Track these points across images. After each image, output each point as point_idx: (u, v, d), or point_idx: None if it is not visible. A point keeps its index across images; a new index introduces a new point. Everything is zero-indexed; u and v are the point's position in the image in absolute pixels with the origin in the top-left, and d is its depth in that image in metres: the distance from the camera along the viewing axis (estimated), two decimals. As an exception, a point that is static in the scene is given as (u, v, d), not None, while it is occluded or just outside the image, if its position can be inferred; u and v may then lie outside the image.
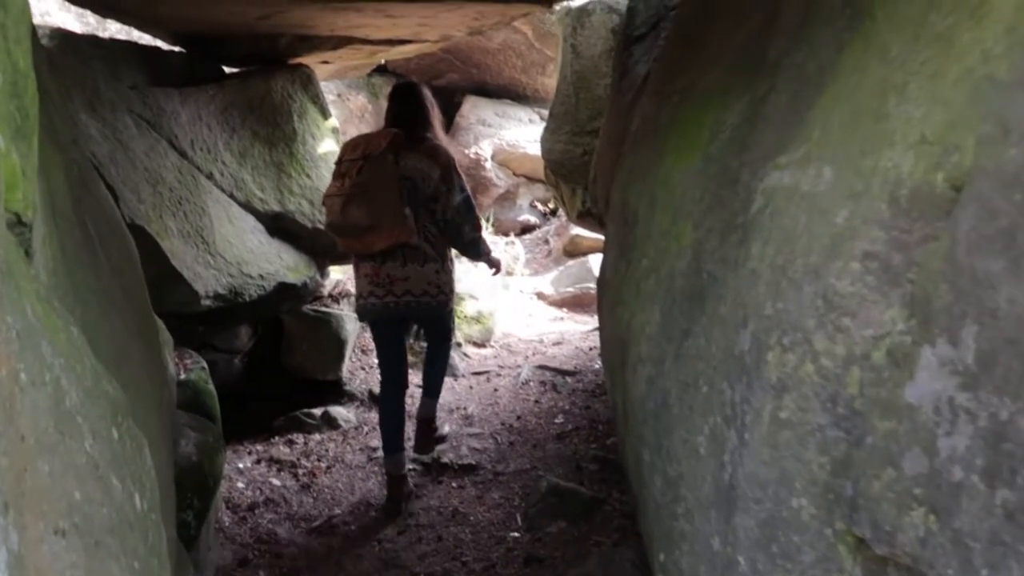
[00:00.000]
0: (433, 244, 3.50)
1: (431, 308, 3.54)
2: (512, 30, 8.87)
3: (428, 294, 3.49)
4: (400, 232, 3.32)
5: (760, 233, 1.49)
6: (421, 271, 3.44)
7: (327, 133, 4.81)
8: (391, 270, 3.41)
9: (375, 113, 9.48)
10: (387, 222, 3.28)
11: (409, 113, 3.58)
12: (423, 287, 3.46)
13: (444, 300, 3.59)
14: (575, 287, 7.52)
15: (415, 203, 3.39)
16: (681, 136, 2.19)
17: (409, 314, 3.57)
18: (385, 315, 3.51)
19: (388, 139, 3.38)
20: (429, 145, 3.52)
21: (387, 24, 4.38)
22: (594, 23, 4.63)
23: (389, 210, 3.28)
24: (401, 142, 3.40)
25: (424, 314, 3.60)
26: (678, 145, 2.18)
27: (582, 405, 4.75)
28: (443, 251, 3.57)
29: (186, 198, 3.70)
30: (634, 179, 2.48)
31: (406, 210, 3.32)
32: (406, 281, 3.42)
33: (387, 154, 3.33)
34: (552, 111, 4.80)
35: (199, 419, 3.15)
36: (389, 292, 3.43)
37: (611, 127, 3.28)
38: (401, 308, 3.47)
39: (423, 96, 3.66)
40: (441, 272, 3.53)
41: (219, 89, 4.23)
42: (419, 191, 3.41)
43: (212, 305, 3.74)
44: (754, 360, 1.38)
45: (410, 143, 3.44)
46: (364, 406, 4.99)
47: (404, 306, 3.46)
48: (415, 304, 3.47)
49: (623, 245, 2.43)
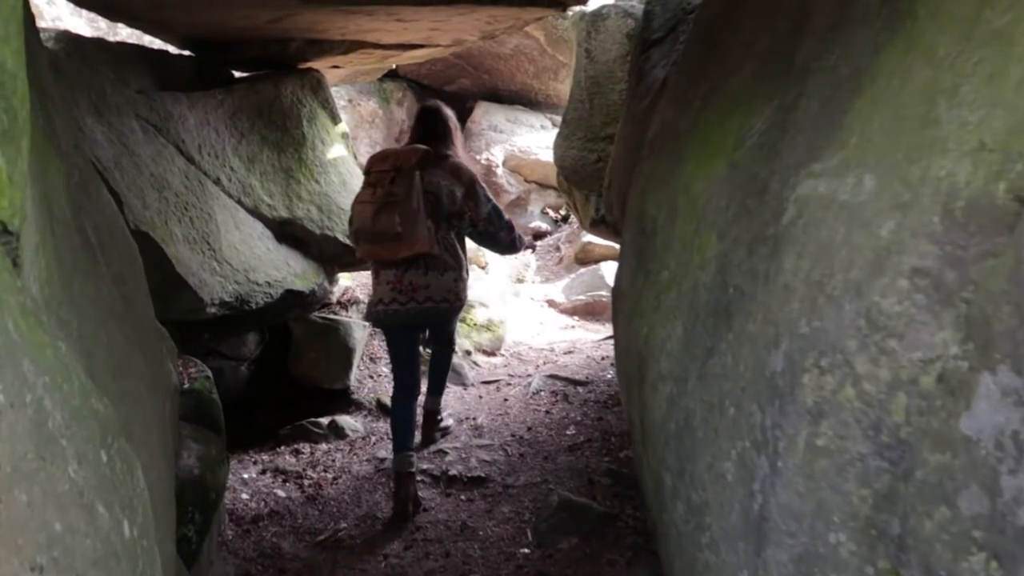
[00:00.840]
0: (451, 254, 3.72)
1: (447, 313, 3.82)
2: (524, 35, 8.81)
3: (447, 300, 3.71)
4: (423, 243, 3.53)
5: (793, 245, 1.40)
6: (441, 279, 3.66)
7: (337, 138, 4.74)
8: (413, 278, 3.62)
9: (386, 119, 9.45)
10: (413, 232, 3.49)
11: (433, 132, 3.85)
12: (443, 294, 3.68)
13: (460, 306, 3.87)
14: (587, 295, 7.42)
15: (437, 216, 3.61)
16: (704, 142, 2.10)
17: (428, 319, 3.78)
18: (406, 321, 3.70)
19: (418, 155, 3.61)
20: (452, 163, 3.75)
21: (398, 28, 4.31)
22: (609, 27, 4.55)
23: (415, 221, 3.49)
24: (429, 158, 3.64)
25: (440, 318, 3.84)
26: (700, 152, 2.09)
27: (594, 416, 4.65)
28: (460, 261, 3.78)
29: (192, 204, 3.63)
30: (653, 186, 2.39)
31: (429, 223, 3.55)
32: (427, 289, 3.63)
33: (415, 169, 3.55)
34: (565, 117, 4.72)
35: (202, 430, 3.08)
36: (411, 299, 3.63)
37: (627, 133, 3.19)
38: (422, 313, 3.67)
39: (447, 117, 3.92)
40: (459, 280, 3.75)
41: (227, 93, 4.17)
42: (442, 206, 3.63)
43: (218, 313, 3.67)
44: (788, 382, 1.28)
45: (434, 160, 3.67)
46: (372, 415, 4.91)
47: (425, 312, 3.67)
48: (434, 309, 3.68)
49: (641, 255, 2.34)
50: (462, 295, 3.80)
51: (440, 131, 3.86)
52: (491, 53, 9.24)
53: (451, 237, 3.72)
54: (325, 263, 4.58)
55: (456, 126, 3.99)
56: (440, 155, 3.73)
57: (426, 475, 4.07)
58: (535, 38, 8.87)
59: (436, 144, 3.78)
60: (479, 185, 3.77)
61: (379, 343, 5.51)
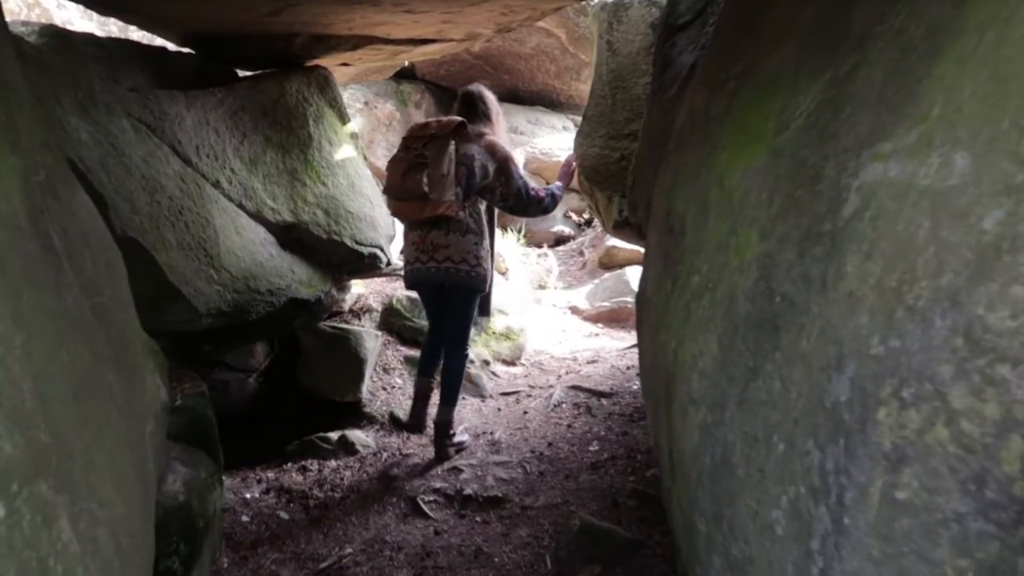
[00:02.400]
0: (475, 221, 3.87)
1: (469, 278, 3.87)
2: (545, 34, 8.56)
3: (466, 262, 3.82)
4: (448, 206, 3.69)
5: (858, 244, 1.12)
6: (461, 240, 3.80)
7: (345, 139, 4.52)
8: (435, 238, 3.80)
9: (403, 122, 9.22)
10: (439, 194, 3.67)
11: (474, 111, 4.03)
12: (462, 255, 3.81)
13: (481, 274, 3.90)
14: (611, 301, 7.13)
15: (467, 187, 3.80)
16: (739, 129, 1.83)
17: (446, 279, 3.86)
18: (428, 280, 3.90)
19: (454, 125, 3.78)
20: (488, 140, 3.91)
21: (408, 21, 4.08)
22: (632, 17, 4.28)
23: (442, 185, 3.67)
24: (464, 131, 3.83)
25: (460, 283, 3.88)
26: (735, 139, 1.82)
27: (619, 431, 4.37)
28: (482, 228, 3.93)
29: (188, 208, 3.42)
30: (680, 182, 2.12)
31: (457, 190, 3.74)
32: (447, 248, 3.79)
33: (450, 137, 3.73)
34: (586, 113, 4.45)
35: (193, 451, 2.85)
36: (431, 258, 3.82)
37: (652, 126, 2.93)
38: (440, 273, 3.83)
39: (488, 99, 4.12)
40: (479, 245, 3.87)
41: (229, 92, 3.96)
42: (473, 177, 3.81)
43: (215, 323, 3.44)
44: (856, 417, 1.01)
45: (471, 135, 3.87)
46: (384, 430, 4.67)
47: (443, 272, 3.82)
48: (453, 270, 3.82)
49: (668, 258, 2.07)
50: (483, 262, 3.89)
51: (480, 110, 4.03)
52: (511, 53, 9.00)
53: (478, 206, 3.89)
54: (333, 270, 4.35)
55: (498, 110, 4.16)
56: (478, 132, 3.92)
57: (439, 495, 3.82)
58: (556, 36, 8.61)
59: (476, 121, 3.96)
60: (512, 163, 3.91)
61: (392, 353, 5.29)
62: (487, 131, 3.96)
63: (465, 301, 4.01)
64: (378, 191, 4.66)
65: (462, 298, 3.99)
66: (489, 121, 4.04)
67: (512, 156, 3.95)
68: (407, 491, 3.88)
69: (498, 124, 4.10)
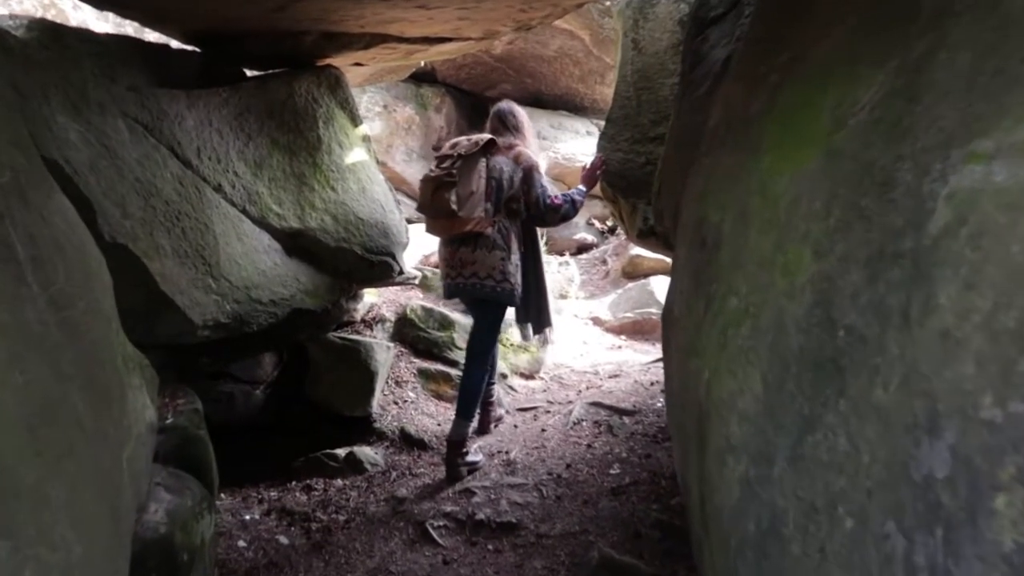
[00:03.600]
0: (503, 237, 3.91)
1: (495, 293, 3.91)
2: (569, 36, 8.33)
3: (492, 278, 3.87)
4: (476, 223, 3.78)
5: (954, 268, 0.88)
6: (488, 256, 3.86)
7: (357, 142, 4.31)
8: (463, 254, 3.89)
9: (423, 126, 9.04)
10: (467, 212, 3.76)
11: (505, 124, 4.13)
12: (487, 271, 3.86)
13: (508, 289, 3.91)
14: (635, 312, 6.87)
15: (496, 200, 3.88)
16: (784, 127, 1.59)
17: (475, 294, 3.96)
18: (458, 294, 4.03)
19: (483, 143, 3.87)
20: (516, 151, 3.99)
21: (422, 18, 3.87)
22: (659, 14, 4.03)
23: (471, 202, 3.76)
24: (492, 146, 3.93)
25: (484, 296, 3.95)
26: (780, 140, 1.58)
27: (641, 453, 4.11)
28: (510, 245, 3.94)
29: (186, 213, 3.22)
30: (714, 188, 1.88)
31: (488, 205, 3.83)
32: (473, 264, 3.87)
33: (479, 155, 3.84)
34: (610, 116, 4.20)
35: (180, 476, 2.64)
36: (459, 273, 3.91)
37: (681, 127, 2.69)
38: (468, 289, 3.92)
39: (517, 113, 4.21)
40: (505, 261, 3.89)
41: (234, 92, 3.77)
42: (502, 190, 3.89)
43: (212, 336, 3.24)
44: (962, 502, 0.76)
45: (501, 148, 3.97)
46: (394, 447, 4.45)
47: (470, 287, 3.91)
48: (479, 286, 3.89)
49: (699, 274, 1.82)
50: (510, 277, 3.91)
51: (511, 123, 4.13)
52: (534, 56, 8.78)
53: (507, 222, 3.93)
54: (341, 279, 4.13)
55: (529, 124, 4.26)
56: (508, 144, 4.01)
57: (450, 519, 3.59)
58: (580, 38, 8.37)
59: (506, 134, 4.07)
60: (536, 172, 3.96)
61: (405, 365, 5.07)
62: (517, 142, 4.05)
63: (491, 315, 4.08)
64: (391, 196, 4.46)
65: (487, 312, 4.08)
66: (520, 134, 4.13)
67: (537, 166, 4.00)
68: (415, 515, 3.65)
69: (529, 137, 4.19)
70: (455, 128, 9.58)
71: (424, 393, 4.97)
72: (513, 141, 4.05)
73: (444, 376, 5.05)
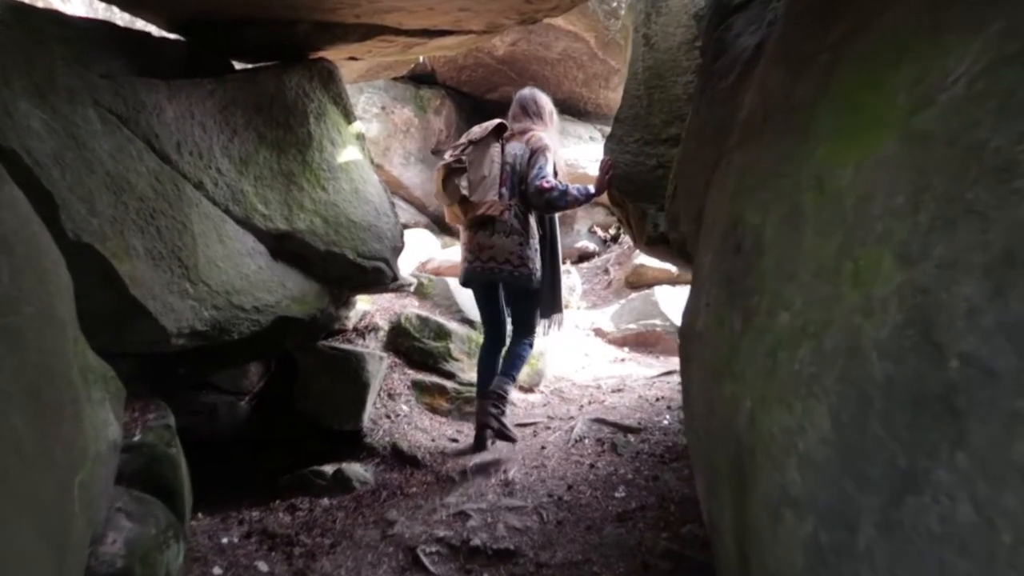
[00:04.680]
0: (520, 221, 3.93)
1: (512, 277, 3.95)
2: (573, 38, 8.11)
3: (509, 263, 3.91)
4: (490, 206, 3.85)
5: None
6: (505, 241, 3.89)
7: (350, 139, 4.07)
8: (481, 239, 3.93)
9: (422, 128, 8.80)
10: (479, 196, 3.87)
11: (526, 111, 4.17)
12: (505, 255, 3.90)
13: (526, 273, 3.94)
14: (638, 324, 6.61)
15: (512, 185, 3.93)
16: (843, 111, 1.34)
17: (493, 279, 4.00)
18: (476, 279, 4.05)
19: (493, 127, 4.00)
20: (532, 135, 4.01)
21: (421, 8, 3.64)
22: (672, 8, 3.80)
23: (483, 186, 3.88)
24: (504, 130, 4.05)
25: (506, 282, 4.03)
26: (839, 125, 1.33)
27: (648, 475, 3.85)
28: (528, 229, 3.97)
29: (162, 211, 2.97)
30: (751, 185, 1.63)
31: (503, 190, 3.90)
32: (491, 249, 3.91)
33: (490, 140, 3.95)
34: (618, 116, 3.96)
35: (144, 501, 2.38)
36: (477, 258, 3.96)
37: (701, 123, 2.45)
38: (486, 273, 3.96)
39: (540, 99, 4.24)
40: (523, 245, 3.92)
41: (219, 83, 3.52)
42: (516, 174, 3.94)
43: (188, 344, 2.98)
44: None
45: (516, 133, 4.04)
46: (386, 464, 4.19)
47: (489, 271, 3.95)
48: (498, 271, 3.93)
49: (733, 284, 1.58)
50: (528, 262, 3.93)
51: (532, 110, 4.15)
52: (537, 58, 8.55)
53: (523, 207, 3.94)
54: (331, 285, 3.88)
55: (551, 111, 4.27)
56: (524, 128, 4.05)
57: (443, 544, 3.34)
58: (585, 40, 8.15)
59: (525, 120, 4.11)
60: (541, 154, 3.92)
61: (399, 376, 4.81)
62: (534, 127, 4.06)
63: (519, 296, 4.11)
64: (386, 198, 4.21)
65: (515, 294, 4.12)
66: (540, 120, 4.13)
67: (546, 148, 3.96)
68: (406, 539, 3.39)
69: (549, 124, 4.19)
70: (455, 131, 9.34)
71: (418, 406, 4.71)
72: (530, 126, 4.06)
73: (439, 389, 4.80)
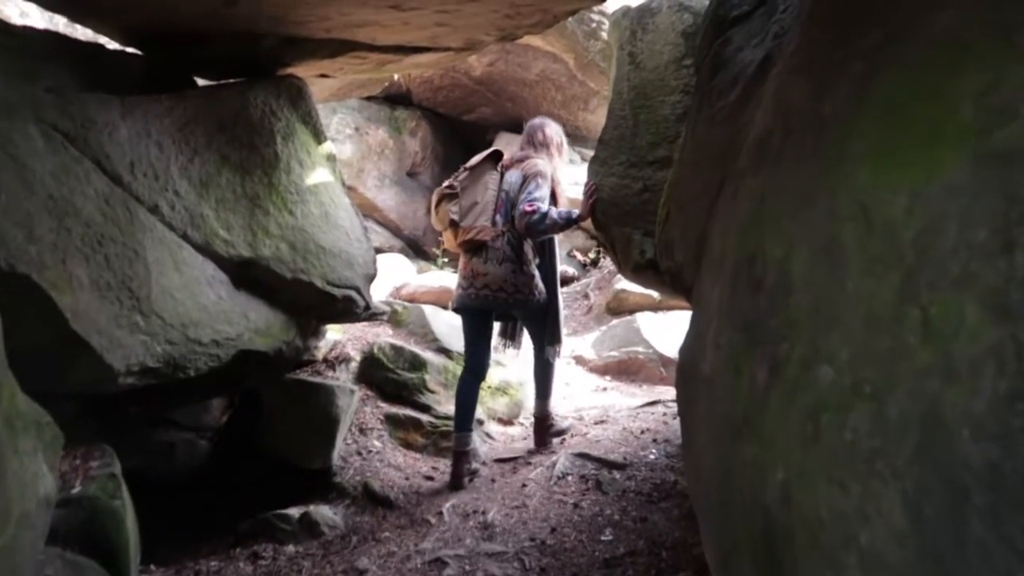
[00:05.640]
0: (513, 248, 3.96)
1: (507, 304, 4.01)
2: (552, 59, 7.97)
3: (504, 290, 3.94)
4: (479, 232, 3.91)
5: None
6: (498, 269, 3.92)
7: (320, 160, 3.84)
8: (475, 265, 3.96)
9: (397, 150, 8.59)
10: (469, 222, 3.93)
11: (532, 141, 4.24)
12: (499, 283, 3.92)
13: (522, 299, 3.99)
14: (620, 351, 6.41)
15: (507, 212, 3.98)
16: (889, 127, 1.15)
17: (487, 306, 4.02)
18: (469, 305, 4.03)
19: (487, 155, 4.12)
20: (529, 162, 4.05)
21: (396, 22, 3.44)
22: (659, 25, 3.64)
23: (473, 212, 3.95)
24: (500, 158, 4.16)
25: (501, 309, 4.10)
26: (884, 143, 1.14)
27: (636, 515, 3.62)
28: (521, 256, 3.99)
29: (112, 237, 2.72)
30: (772, 212, 1.43)
31: (496, 216, 3.96)
32: (485, 276, 3.93)
33: (486, 167, 4.07)
34: (603, 137, 3.78)
35: (79, 565, 2.12)
36: (472, 284, 3.97)
37: (700, 144, 2.27)
38: (480, 300, 3.97)
39: (547, 129, 4.28)
40: (516, 272, 3.95)
41: (178, 100, 3.28)
42: (509, 200, 3.99)
43: (138, 383, 2.72)
44: None
45: (514, 161, 4.11)
46: (356, 506, 3.92)
47: (483, 299, 3.96)
48: (491, 298, 3.95)
49: (752, 327, 1.37)
50: (522, 288, 3.96)
51: (538, 139, 4.22)
52: (515, 79, 8.40)
53: (518, 234, 3.95)
54: (298, 315, 3.63)
55: (560, 142, 4.32)
56: (523, 156, 4.11)
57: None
58: (564, 62, 8.01)
59: (529, 148, 4.18)
60: (534, 180, 3.93)
61: (371, 410, 4.56)
62: (536, 156, 4.10)
63: (526, 316, 4.20)
64: (358, 222, 3.98)
65: (521, 315, 4.19)
66: (546, 150, 4.18)
67: (540, 173, 3.96)
68: (378, 592, 3.14)
69: (556, 155, 4.25)
70: (431, 153, 9.15)
71: (391, 442, 4.46)
72: (531, 154, 4.12)
73: (414, 423, 4.55)
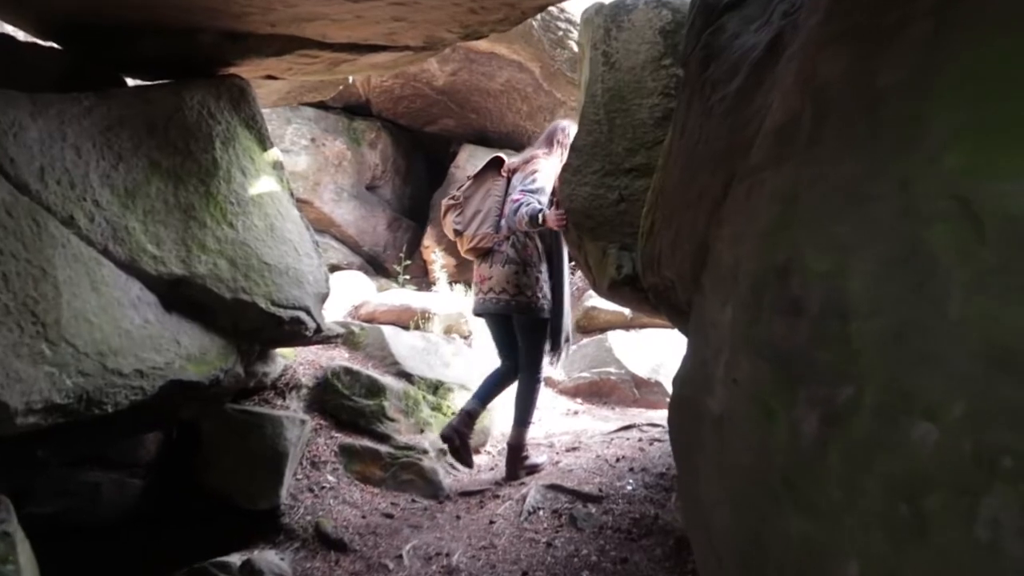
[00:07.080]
0: (518, 251, 4.01)
1: (510, 307, 4.00)
2: (517, 68, 7.69)
3: (507, 292, 3.98)
4: (481, 239, 4.04)
5: None
6: (502, 270, 3.99)
7: (265, 168, 3.49)
8: (483, 270, 4.09)
9: (355, 162, 8.22)
10: (472, 230, 4.07)
11: (546, 138, 4.27)
12: (503, 285, 3.99)
13: (524, 302, 3.98)
14: (591, 372, 6.10)
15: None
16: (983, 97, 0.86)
17: (495, 309, 4.05)
18: (483, 310, 4.13)
19: (488, 163, 4.25)
20: (531, 162, 4.10)
21: (348, 17, 3.12)
22: (635, 23, 3.36)
23: (476, 220, 4.08)
24: (502, 164, 4.22)
25: (505, 311, 4.05)
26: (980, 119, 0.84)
27: (615, 556, 3.30)
28: (526, 258, 4.01)
29: (13, 253, 2.34)
30: (807, 214, 1.13)
31: (500, 221, 4.05)
32: (491, 280, 4.03)
33: (488, 175, 4.21)
34: (575, 144, 3.48)
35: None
36: (480, 289, 4.10)
37: (693, 142, 1.98)
38: (488, 303, 4.05)
39: (566, 128, 4.22)
40: (519, 274, 3.98)
41: (101, 100, 2.91)
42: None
43: (42, 422, 2.33)
44: None
45: (520, 167, 4.12)
46: (307, 549, 3.54)
47: (490, 302, 4.04)
48: (496, 301, 4.01)
49: (788, 360, 1.07)
50: (526, 290, 3.97)
51: (558, 138, 4.20)
52: (479, 89, 8.10)
53: (523, 237, 4.00)
54: (240, 339, 3.26)
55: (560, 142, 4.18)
56: (529, 158, 4.13)
57: (373, 657, 2.71)
58: (530, 71, 7.74)
59: (541, 147, 4.22)
60: (531, 175, 3.98)
61: (324, 441, 4.18)
62: (545, 156, 4.11)
63: (523, 327, 4.09)
64: (308, 236, 3.63)
65: (519, 325, 4.10)
66: (562, 148, 4.09)
67: (540, 172, 3.99)
68: (327, 653, 2.77)
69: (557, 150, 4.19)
70: (391, 166, 8.79)
71: (347, 476, 4.08)
72: (536, 153, 4.15)
73: (372, 454, 4.18)
